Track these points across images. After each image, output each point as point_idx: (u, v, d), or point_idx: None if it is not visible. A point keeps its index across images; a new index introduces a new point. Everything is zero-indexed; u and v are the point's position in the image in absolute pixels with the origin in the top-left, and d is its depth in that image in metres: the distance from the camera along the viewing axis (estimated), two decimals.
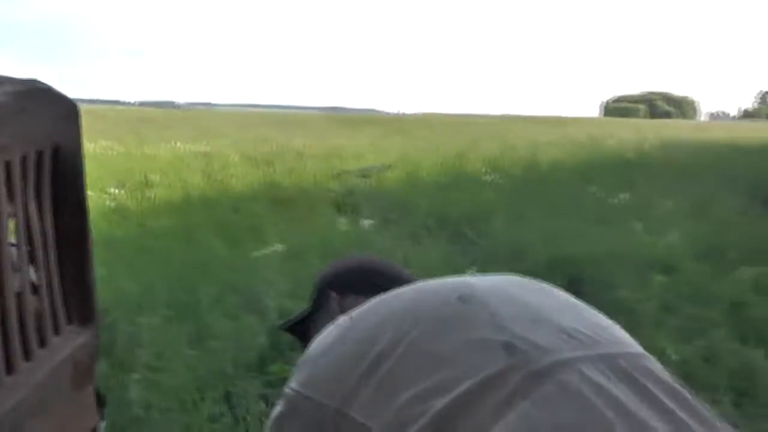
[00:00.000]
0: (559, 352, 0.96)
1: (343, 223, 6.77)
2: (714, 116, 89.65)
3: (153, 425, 2.54)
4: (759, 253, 6.20)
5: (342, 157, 12.26)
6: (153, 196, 7.91)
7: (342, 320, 1.19)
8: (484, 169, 11.00)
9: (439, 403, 0.92)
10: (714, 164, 12.30)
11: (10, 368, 1.39)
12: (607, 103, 76.13)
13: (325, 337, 1.18)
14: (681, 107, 75.12)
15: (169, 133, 16.83)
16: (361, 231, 6.46)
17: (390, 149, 14.18)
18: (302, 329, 1.55)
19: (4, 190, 1.37)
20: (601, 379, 0.93)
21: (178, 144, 14.73)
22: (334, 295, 1.46)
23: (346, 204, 7.72)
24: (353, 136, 17.67)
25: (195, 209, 7.34)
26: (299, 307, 1.59)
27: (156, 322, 3.50)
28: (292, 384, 1.16)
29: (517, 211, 7.55)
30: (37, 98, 1.48)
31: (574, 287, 3.82)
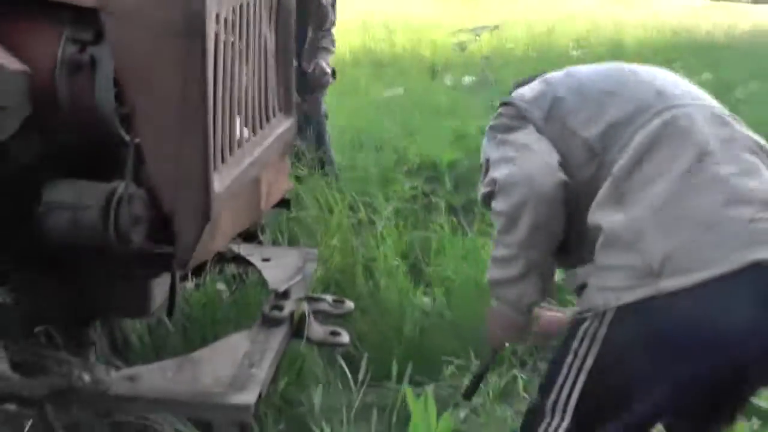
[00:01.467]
0: (686, 99, 1.67)
1: (434, 83, 7.41)
2: None
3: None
4: None
5: (430, 27, 12.65)
6: None
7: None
8: (571, 45, 11.30)
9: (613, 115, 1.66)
10: None
11: (254, 129, 2.13)
12: None
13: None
14: None
15: None
16: (450, 91, 7.09)
17: (477, 20, 14.44)
18: None
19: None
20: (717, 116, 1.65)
21: None
22: None
23: (437, 69, 8.32)
24: (437, 5, 17.80)
25: None
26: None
27: None
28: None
29: None
30: None
31: None
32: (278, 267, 2.61)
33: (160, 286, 2.05)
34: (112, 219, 1.68)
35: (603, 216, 1.59)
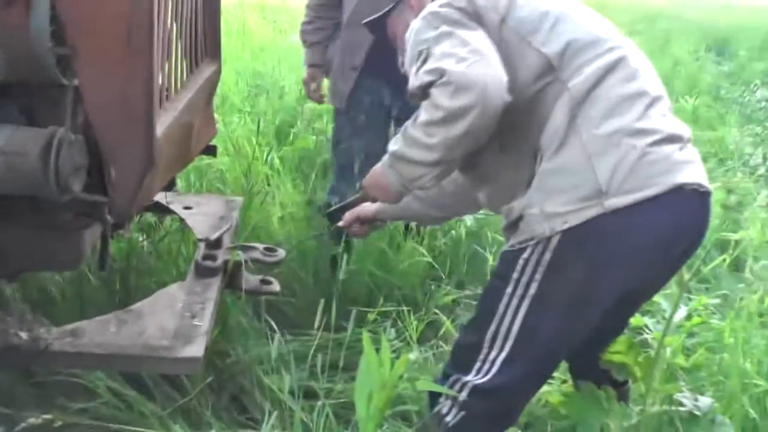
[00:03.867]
0: (629, 44, 1.78)
1: None
2: None
3: None
4: (697, 86, 7.10)
5: None
6: None
7: None
8: None
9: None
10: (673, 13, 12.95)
11: (190, 70, 2.06)
12: None
13: None
14: None
15: None
16: None
17: None
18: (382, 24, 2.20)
19: None
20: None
21: None
22: None
23: None
24: None
25: None
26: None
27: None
28: None
29: None
30: None
31: None
32: (201, 215, 2.56)
33: (88, 237, 1.97)
34: (53, 166, 1.59)
35: (555, 139, 1.65)
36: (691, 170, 1.67)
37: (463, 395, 1.75)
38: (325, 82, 3.22)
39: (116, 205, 1.81)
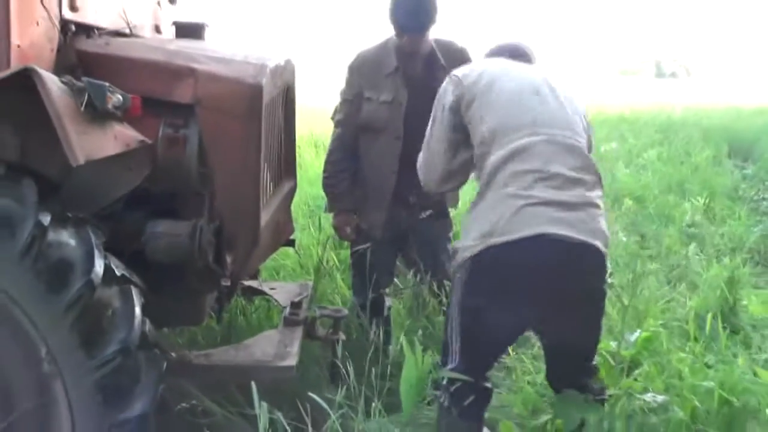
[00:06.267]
0: (552, 129, 2.54)
1: None
2: None
3: None
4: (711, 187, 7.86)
5: None
6: None
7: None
8: None
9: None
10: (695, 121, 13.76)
11: (275, 184, 2.97)
12: None
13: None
14: None
15: None
16: None
17: None
18: None
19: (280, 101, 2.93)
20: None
21: None
22: None
23: None
24: None
25: None
26: None
27: None
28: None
29: None
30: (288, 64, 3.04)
31: None
32: (283, 293, 3.44)
33: (209, 301, 2.85)
34: (197, 243, 2.48)
35: (476, 198, 2.53)
36: (564, 227, 2.35)
37: (445, 382, 2.55)
38: None
39: (231, 274, 2.69)
